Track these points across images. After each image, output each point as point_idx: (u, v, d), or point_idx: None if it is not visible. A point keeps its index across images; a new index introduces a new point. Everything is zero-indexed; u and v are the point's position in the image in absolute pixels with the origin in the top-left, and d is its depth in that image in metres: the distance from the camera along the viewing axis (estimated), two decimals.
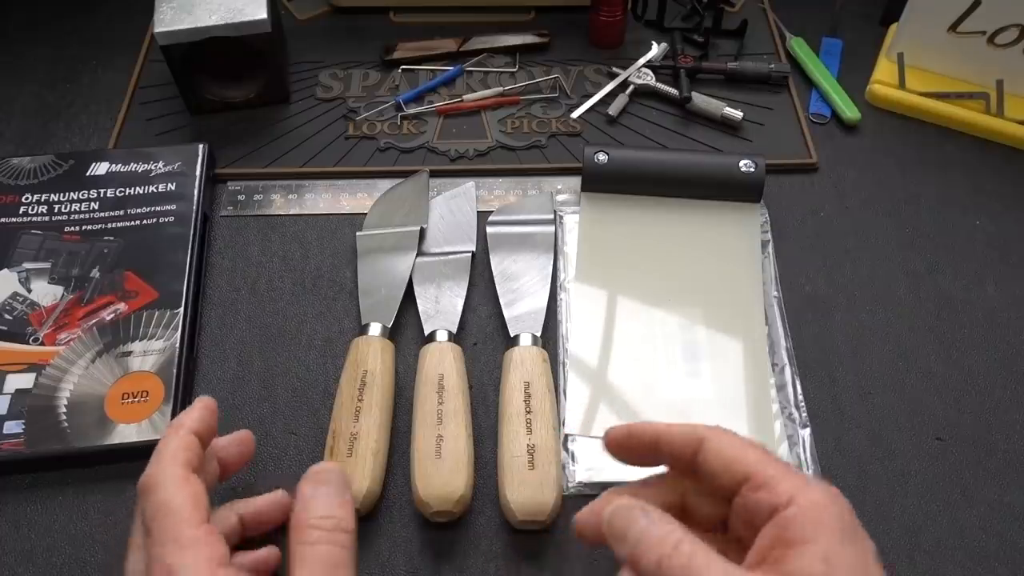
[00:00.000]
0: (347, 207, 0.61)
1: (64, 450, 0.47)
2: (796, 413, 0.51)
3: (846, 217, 0.61)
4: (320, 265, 0.58)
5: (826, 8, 0.73)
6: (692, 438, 0.34)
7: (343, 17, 0.74)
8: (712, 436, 0.34)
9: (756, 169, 0.58)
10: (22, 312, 0.53)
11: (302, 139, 0.64)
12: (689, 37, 0.71)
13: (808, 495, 0.31)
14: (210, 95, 0.64)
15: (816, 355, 0.54)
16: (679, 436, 0.35)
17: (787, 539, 0.30)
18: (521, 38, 0.71)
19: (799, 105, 0.67)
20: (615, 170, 0.59)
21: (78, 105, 0.67)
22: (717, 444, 0.33)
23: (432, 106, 0.66)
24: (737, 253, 0.57)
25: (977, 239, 0.60)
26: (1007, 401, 0.52)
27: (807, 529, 0.30)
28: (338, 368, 0.51)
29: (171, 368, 0.50)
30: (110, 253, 0.55)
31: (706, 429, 0.34)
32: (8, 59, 0.71)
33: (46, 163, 0.60)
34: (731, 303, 0.55)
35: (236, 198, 0.61)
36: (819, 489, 0.31)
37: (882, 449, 0.50)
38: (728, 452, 0.33)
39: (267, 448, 0.50)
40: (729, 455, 0.33)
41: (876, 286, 0.57)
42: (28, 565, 0.45)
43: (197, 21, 0.59)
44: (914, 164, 0.64)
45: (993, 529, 0.47)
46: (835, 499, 0.31)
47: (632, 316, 0.55)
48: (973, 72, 0.65)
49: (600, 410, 0.51)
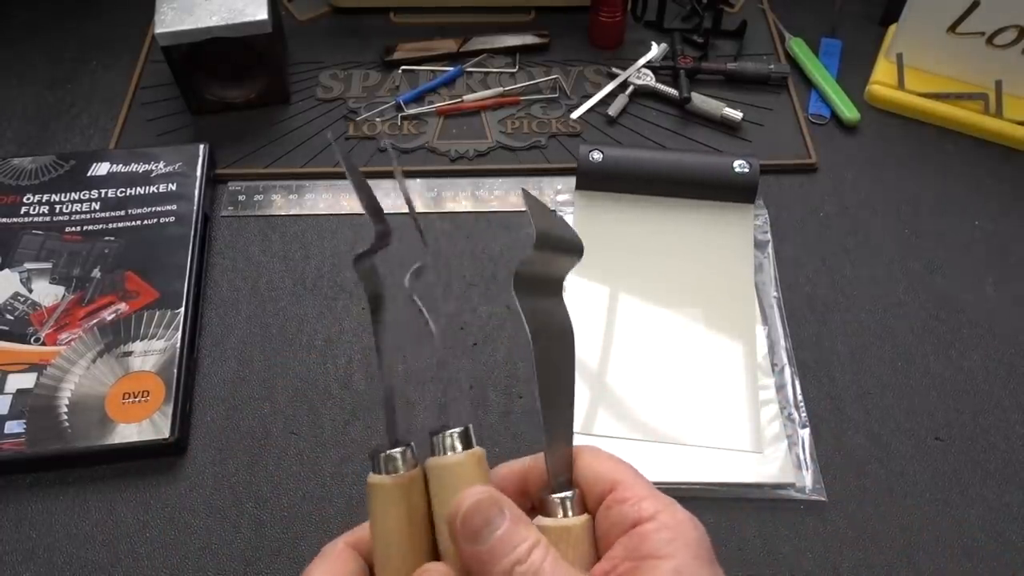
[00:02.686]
0: (347, 207, 0.61)
1: (65, 450, 0.48)
2: (795, 413, 0.51)
3: (845, 217, 0.61)
4: (320, 265, 0.58)
5: (825, 9, 0.73)
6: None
7: (343, 18, 0.74)
8: (584, 451, 0.32)
9: (750, 170, 0.58)
10: (23, 312, 0.53)
11: (302, 139, 0.65)
12: (689, 38, 0.72)
13: (674, 514, 0.30)
14: (211, 96, 0.65)
15: (816, 355, 0.54)
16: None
17: (642, 552, 0.29)
18: (521, 38, 0.71)
19: (798, 105, 0.67)
20: (610, 169, 0.59)
21: (79, 106, 0.67)
22: (589, 458, 0.32)
23: (432, 106, 0.67)
24: (731, 253, 0.58)
25: (976, 239, 0.60)
26: (1006, 401, 0.52)
27: (665, 545, 0.29)
28: (338, 368, 0.51)
29: (172, 368, 0.50)
30: (111, 253, 0.55)
31: (578, 447, 0.32)
32: (9, 60, 0.71)
33: (47, 163, 0.60)
34: (724, 303, 0.55)
35: (237, 198, 0.61)
36: (685, 512, 0.30)
37: (881, 449, 0.50)
38: (597, 465, 0.32)
39: (268, 448, 0.50)
40: (598, 467, 0.32)
41: (875, 286, 0.57)
42: (29, 564, 0.45)
43: (198, 22, 0.59)
44: (913, 164, 0.64)
45: (992, 528, 0.47)
46: (698, 525, 0.30)
47: (626, 314, 0.55)
48: (972, 73, 0.65)
49: (596, 407, 0.51)
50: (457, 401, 0.33)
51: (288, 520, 0.47)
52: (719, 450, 0.49)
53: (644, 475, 0.32)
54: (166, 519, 0.47)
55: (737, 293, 0.56)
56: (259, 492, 0.48)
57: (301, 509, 0.48)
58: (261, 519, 0.47)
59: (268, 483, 0.48)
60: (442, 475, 0.30)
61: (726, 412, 0.51)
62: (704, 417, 0.51)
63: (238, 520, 0.47)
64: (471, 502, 0.29)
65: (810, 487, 0.48)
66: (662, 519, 0.29)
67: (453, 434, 0.30)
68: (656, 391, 0.52)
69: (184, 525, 0.47)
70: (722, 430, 0.50)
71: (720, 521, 0.47)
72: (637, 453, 0.49)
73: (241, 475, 0.49)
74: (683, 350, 0.54)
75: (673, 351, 0.53)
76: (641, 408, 0.51)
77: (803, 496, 0.48)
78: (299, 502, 0.48)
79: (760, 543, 0.47)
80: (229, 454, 0.50)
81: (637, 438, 0.50)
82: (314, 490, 0.48)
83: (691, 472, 0.49)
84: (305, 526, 0.47)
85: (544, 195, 0.62)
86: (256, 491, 0.48)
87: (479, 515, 0.29)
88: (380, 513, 0.30)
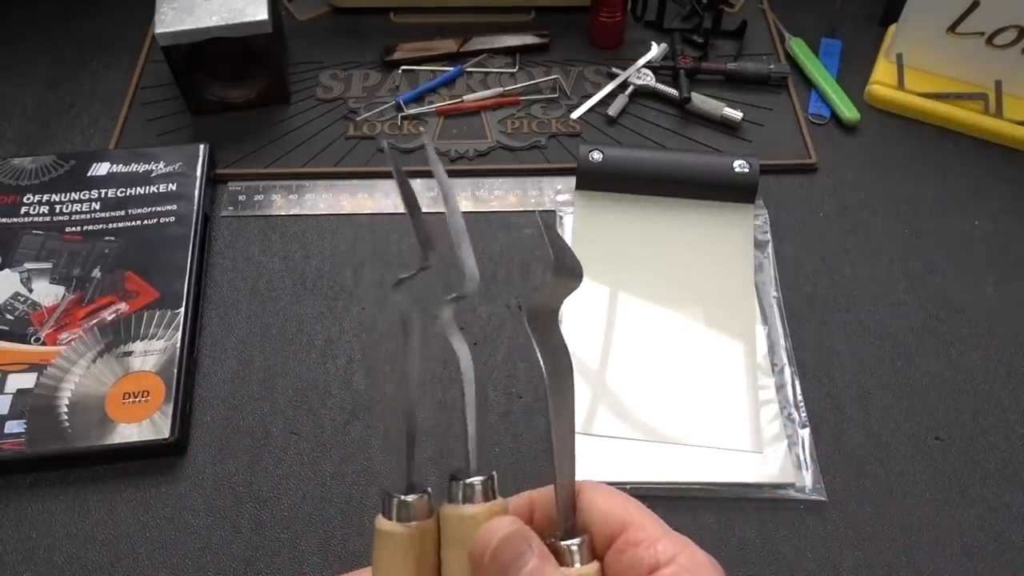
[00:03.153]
0: (347, 207, 0.61)
1: (65, 450, 0.48)
2: (795, 413, 0.51)
3: (845, 217, 0.61)
4: (320, 265, 0.58)
5: (825, 9, 0.73)
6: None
7: (343, 18, 0.74)
8: (587, 488, 0.30)
9: (750, 170, 0.58)
10: (23, 312, 0.53)
11: (302, 139, 0.65)
12: (689, 38, 0.72)
13: (693, 556, 0.28)
14: (211, 96, 0.65)
15: (815, 355, 0.54)
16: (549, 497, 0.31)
17: None
18: (521, 39, 0.71)
19: (798, 106, 0.67)
20: (609, 169, 0.59)
21: (79, 106, 0.67)
22: (593, 495, 0.30)
23: (432, 106, 0.67)
24: (731, 253, 0.58)
25: (976, 239, 0.60)
26: (1006, 401, 0.52)
27: None
28: (338, 368, 0.51)
29: (172, 368, 0.50)
30: (111, 253, 0.55)
31: (579, 483, 0.31)
32: (10, 60, 0.71)
33: (47, 163, 0.60)
34: (724, 303, 0.55)
35: (237, 198, 0.61)
36: (704, 554, 0.29)
37: (881, 449, 0.50)
38: (604, 503, 0.30)
39: (268, 448, 0.50)
40: (605, 507, 0.30)
41: (875, 286, 0.57)
42: (29, 563, 0.45)
43: (198, 22, 0.59)
44: (913, 164, 0.64)
45: (991, 528, 0.47)
46: (718, 566, 0.29)
47: (626, 314, 0.55)
48: (972, 73, 0.65)
49: (596, 407, 0.51)
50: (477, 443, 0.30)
51: (288, 520, 0.47)
52: (719, 450, 0.49)
53: (653, 512, 0.30)
54: (166, 519, 0.47)
55: (737, 293, 0.56)
56: (259, 492, 0.48)
57: (301, 509, 0.48)
58: (261, 519, 0.47)
59: (268, 483, 0.49)
60: (459, 525, 0.28)
61: (726, 412, 0.51)
62: (704, 417, 0.51)
63: (238, 520, 0.47)
64: (503, 535, 0.27)
65: (810, 487, 0.48)
66: (681, 562, 0.28)
67: (475, 484, 0.28)
68: (656, 391, 0.52)
69: (184, 525, 0.47)
70: (722, 430, 0.50)
71: (720, 521, 0.47)
72: (637, 453, 0.49)
73: (241, 475, 0.49)
74: (683, 350, 0.54)
75: (673, 351, 0.53)
76: (641, 408, 0.51)
77: (803, 496, 0.48)
78: (299, 502, 0.48)
79: (760, 543, 0.47)
80: (229, 454, 0.50)
81: (637, 438, 0.50)
82: (314, 490, 0.48)
83: (691, 472, 0.49)
84: (305, 526, 0.47)
85: (544, 195, 0.62)
86: (256, 491, 0.48)
87: (510, 549, 0.27)
88: (387, 562, 0.28)
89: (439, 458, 0.49)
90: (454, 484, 0.28)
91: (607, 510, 0.30)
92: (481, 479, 0.28)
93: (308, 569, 0.46)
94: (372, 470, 0.49)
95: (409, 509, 0.28)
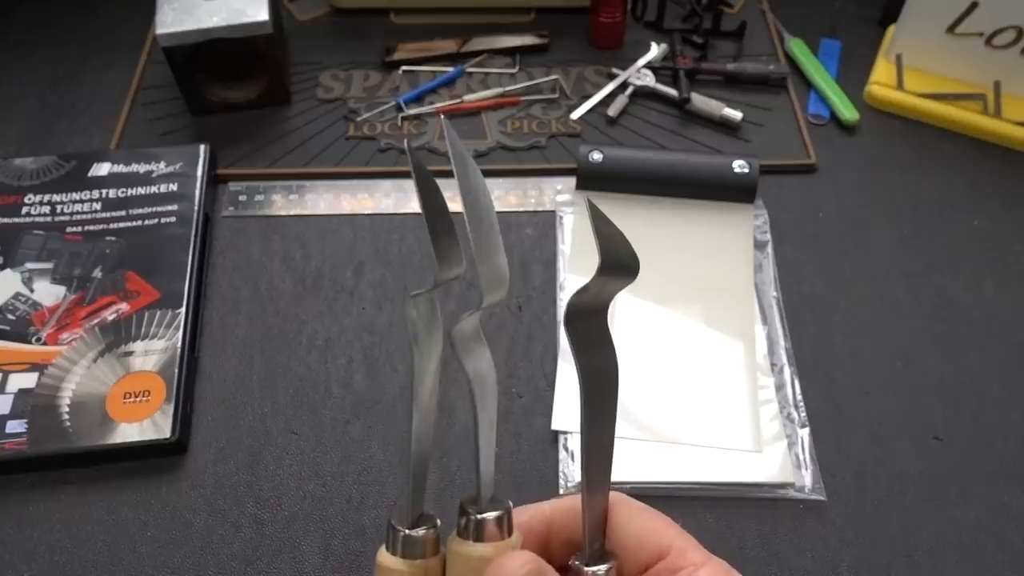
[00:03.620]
0: (348, 208, 0.61)
1: (66, 449, 0.48)
2: (795, 413, 0.51)
3: (845, 218, 0.61)
4: (321, 265, 0.58)
5: (825, 9, 0.73)
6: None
7: (344, 18, 0.74)
8: (620, 506, 0.28)
9: (750, 170, 0.59)
10: (25, 312, 0.53)
11: (303, 140, 0.65)
12: (688, 38, 0.72)
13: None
14: (211, 96, 0.65)
15: (815, 355, 0.54)
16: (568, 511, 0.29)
17: None
18: (521, 39, 0.71)
19: (798, 106, 0.67)
20: (610, 169, 0.59)
21: (80, 106, 0.68)
22: (627, 515, 0.28)
23: (432, 107, 0.67)
24: (730, 253, 0.58)
25: (975, 239, 0.60)
26: (1005, 401, 0.52)
27: None
28: (338, 368, 0.51)
29: (172, 368, 0.50)
30: (112, 253, 0.56)
31: (612, 499, 0.28)
32: (10, 60, 0.71)
33: (48, 164, 0.60)
34: (724, 303, 0.56)
35: (237, 199, 0.62)
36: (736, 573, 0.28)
37: (881, 449, 0.50)
38: (641, 525, 0.28)
39: (268, 448, 0.50)
40: (640, 529, 0.28)
41: (875, 286, 0.57)
42: (30, 563, 0.46)
43: (199, 23, 0.59)
44: (912, 165, 0.64)
45: (991, 528, 0.47)
46: None
47: (625, 313, 0.55)
48: (971, 73, 0.65)
49: None
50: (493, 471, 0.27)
51: (288, 520, 0.47)
52: (719, 450, 0.50)
53: (691, 536, 0.28)
54: (167, 518, 0.47)
55: (737, 293, 0.56)
56: (259, 492, 0.48)
57: (301, 509, 0.48)
58: (261, 519, 0.47)
59: (268, 483, 0.49)
60: (469, 563, 0.26)
61: (726, 412, 0.51)
62: (704, 417, 0.51)
63: (238, 520, 0.47)
64: (523, 573, 0.25)
65: (809, 487, 0.48)
66: None
67: (487, 520, 0.26)
68: (656, 391, 0.52)
69: (185, 524, 0.47)
70: (722, 430, 0.50)
71: (719, 521, 0.47)
72: (636, 453, 0.49)
73: (241, 475, 0.49)
74: (683, 350, 0.54)
75: (673, 351, 0.54)
76: (641, 408, 0.51)
77: (803, 496, 0.48)
78: (299, 502, 0.48)
79: (760, 543, 0.47)
80: (230, 454, 0.50)
81: (637, 438, 0.50)
82: (314, 490, 0.48)
83: (691, 472, 0.49)
84: (305, 526, 0.47)
85: (544, 195, 0.62)
86: (256, 491, 0.48)
87: None
88: None
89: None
90: (466, 519, 0.26)
91: (644, 533, 0.28)
92: (495, 515, 0.26)
93: (308, 569, 0.46)
94: (372, 470, 0.49)
95: (415, 545, 0.26)
